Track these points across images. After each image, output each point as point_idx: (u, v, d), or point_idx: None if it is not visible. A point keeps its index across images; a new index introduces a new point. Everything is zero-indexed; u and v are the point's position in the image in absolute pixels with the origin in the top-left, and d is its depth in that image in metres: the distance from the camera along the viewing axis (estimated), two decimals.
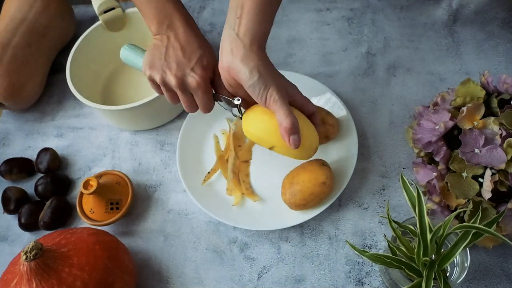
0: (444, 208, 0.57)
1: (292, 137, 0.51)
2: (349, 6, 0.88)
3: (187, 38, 0.56)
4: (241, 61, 0.49)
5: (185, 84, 0.55)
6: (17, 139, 0.81)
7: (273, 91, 0.50)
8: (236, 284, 0.63)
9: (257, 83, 0.50)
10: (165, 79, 0.55)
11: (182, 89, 0.56)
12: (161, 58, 0.55)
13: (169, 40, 0.56)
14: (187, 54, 0.55)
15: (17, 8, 0.80)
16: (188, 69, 0.55)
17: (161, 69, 0.55)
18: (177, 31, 0.57)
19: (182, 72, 0.55)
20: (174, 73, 0.55)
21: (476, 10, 0.84)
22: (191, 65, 0.55)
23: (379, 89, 0.77)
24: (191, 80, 0.55)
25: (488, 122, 0.55)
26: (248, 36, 0.50)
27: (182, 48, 0.56)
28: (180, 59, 0.55)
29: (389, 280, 0.57)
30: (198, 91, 0.55)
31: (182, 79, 0.55)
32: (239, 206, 0.67)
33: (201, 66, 0.55)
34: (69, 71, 0.75)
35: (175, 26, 0.57)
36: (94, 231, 0.60)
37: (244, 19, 0.50)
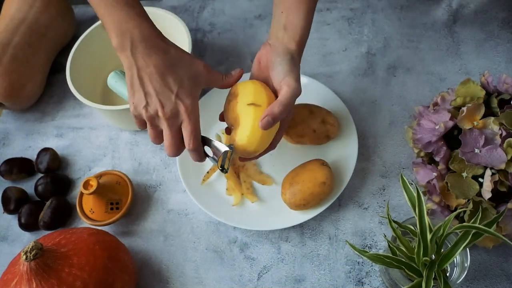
0: (444, 208, 0.57)
1: (267, 118, 0.51)
2: (349, 6, 0.88)
3: (159, 58, 0.50)
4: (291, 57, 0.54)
5: (176, 114, 0.51)
6: (17, 139, 0.81)
7: (293, 79, 0.52)
8: (236, 284, 0.63)
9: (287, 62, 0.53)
10: (152, 114, 0.51)
11: (171, 121, 0.51)
12: (140, 91, 0.50)
13: (138, 65, 0.50)
14: (166, 81, 0.50)
15: (17, 8, 0.80)
16: (173, 97, 0.50)
17: (145, 103, 0.50)
18: (145, 51, 0.50)
19: (169, 102, 0.50)
20: (160, 105, 0.50)
21: (476, 10, 0.84)
22: (174, 91, 0.50)
23: (379, 89, 0.77)
24: (180, 106, 0.50)
25: (488, 122, 0.55)
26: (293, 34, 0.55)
27: (158, 73, 0.50)
28: (160, 89, 0.50)
29: (389, 280, 0.57)
30: (186, 118, 0.51)
31: (172, 109, 0.50)
32: (239, 206, 0.67)
33: (184, 91, 0.51)
34: (69, 71, 0.75)
35: (140, 44, 0.50)
36: (94, 231, 0.60)
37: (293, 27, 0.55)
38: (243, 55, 0.85)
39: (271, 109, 0.51)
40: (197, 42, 0.88)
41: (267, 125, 0.51)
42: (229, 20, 0.90)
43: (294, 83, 0.52)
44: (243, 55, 0.85)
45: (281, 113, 0.51)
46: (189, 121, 0.51)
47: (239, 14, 0.91)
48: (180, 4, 0.94)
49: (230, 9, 0.92)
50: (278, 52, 0.54)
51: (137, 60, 0.50)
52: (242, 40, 0.87)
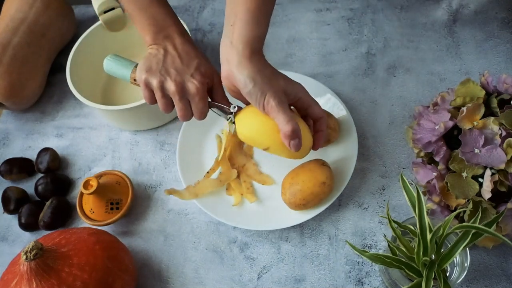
0: (444, 208, 0.57)
1: (292, 142, 0.51)
2: (349, 6, 0.88)
3: (185, 48, 0.57)
4: (236, 68, 0.50)
5: (184, 90, 0.55)
6: (17, 139, 0.81)
7: (270, 97, 0.50)
8: (236, 284, 0.63)
9: (253, 91, 0.50)
10: (163, 83, 0.55)
11: (180, 95, 0.55)
12: (159, 64, 0.56)
13: (166, 49, 0.57)
14: (185, 62, 0.56)
15: (17, 8, 0.80)
16: (188, 75, 0.55)
17: (159, 74, 0.55)
18: (174, 41, 0.58)
19: (181, 78, 0.55)
20: (173, 78, 0.55)
21: (476, 10, 0.84)
22: (190, 71, 0.56)
23: (379, 89, 0.77)
24: (191, 85, 0.55)
25: (488, 122, 0.55)
26: (240, 42, 0.50)
27: (180, 56, 0.57)
28: (179, 66, 0.56)
29: (389, 280, 0.57)
30: (196, 97, 0.55)
31: (182, 84, 0.55)
32: (239, 206, 0.67)
33: (200, 73, 0.56)
34: (69, 71, 0.75)
35: (172, 37, 0.58)
36: (94, 231, 0.60)
37: (237, 26, 0.50)
38: None
39: (283, 134, 0.51)
40: (197, 42, 0.88)
41: (297, 145, 0.52)
42: None
43: (273, 101, 0.51)
44: None
45: (292, 126, 0.51)
46: (198, 101, 0.56)
47: None
48: (180, 4, 0.94)
49: None
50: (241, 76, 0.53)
51: (166, 46, 0.57)
52: None
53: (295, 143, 0.51)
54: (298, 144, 0.52)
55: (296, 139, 0.51)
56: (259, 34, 0.51)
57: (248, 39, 0.50)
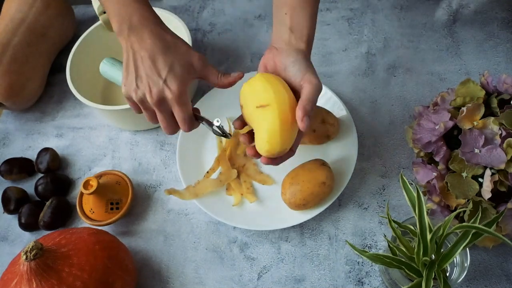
0: (444, 208, 0.57)
1: (306, 118, 0.48)
2: (349, 6, 0.88)
3: (153, 43, 0.51)
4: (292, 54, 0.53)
5: (162, 99, 0.51)
6: (17, 139, 0.81)
7: (313, 75, 0.51)
8: (236, 284, 0.63)
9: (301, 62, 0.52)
10: (141, 97, 0.51)
11: (159, 106, 0.51)
12: (133, 73, 0.51)
13: (134, 49, 0.51)
14: (157, 64, 0.51)
15: (17, 8, 0.80)
16: (161, 82, 0.50)
17: (135, 87, 0.51)
18: (141, 34, 0.51)
19: (156, 87, 0.50)
20: (148, 90, 0.51)
21: (476, 10, 0.84)
22: (163, 76, 0.51)
23: (379, 89, 0.77)
24: (167, 93, 0.51)
25: (488, 122, 0.55)
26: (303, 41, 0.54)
27: (150, 58, 0.51)
28: (149, 71, 0.51)
29: (389, 280, 0.57)
30: (174, 104, 0.51)
31: (158, 95, 0.51)
32: (239, 206, 0.67)
33: (173, 77, 0.51)
34: (69, 71, 0.75)
35: (137, 29, 0.51)
36: (94, 231, 0.60)
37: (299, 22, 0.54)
38: (243, 55, 0.85)
39: (304, 109, 0.49)
40: (197, 42, 0.88)
41: (307, 124, 0.49)
42: (229, 20, 0.90)
43: (315, 79, 0.51)
44: (243, 55, 0.85)
45: (312, 109, 0.50)
46: (178, 107, 0.52)
47: (239, 14, 0.91)
48: (180, 4, 0.94)
49: (230, 9, 0.92)
50: (289, 54, 0.53)
51: (132, 43, 0.52)
52: (242, 40, 0.87)
53: (307, 120, 0.48)
54: (308, 124, 0.49)
55: (309, 120, 0.49)
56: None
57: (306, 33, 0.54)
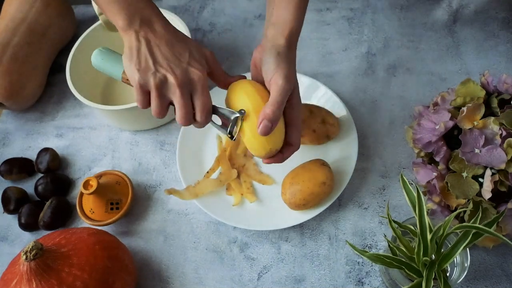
0: (444, 208, 0.57)
1: (265, 122, 0.48)
2: (349, 6, 0.88)
3: (168, 33, 0.50)
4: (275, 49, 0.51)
5: (186, 81, 0.49)
6: (17, 139, 0.81)
7: (280, 76, 0.49)
8: (236, 284, 0.63)
9: (273, 60, 0.50)
10: (161, 81, 0.48)
11: (182, 88, 0.48)
12: (147, 58, 0.48)
13: (148, 38, 0.49)
14: (177, 49, 0.50)
15: (17, 8, 0.80)
16: (184, 64, 0.49)
17: (154, 70, 0.48)
18: (153, 26, 0.50)
19: (180, 68, 0.49)
20: (171, 71, 0.48)
21: (476, 10, 0.84)
22: (185, 59, 0.49)
23: (379, 89, 0.77)
24: (193, 74, 0.49)
25: (488, 122, 0.55)
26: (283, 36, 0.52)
27: (167, 45, 0.49)
28: (170, 56, 0.49)
29: (389, 280, 0.57)
30: (200, 88, 0.49)
31: (183, 75, 0.48)
32: (239, 206, 0.67)
33: (196, 60, 0.50)
34: (69, 71, 0.75)
35: (150, 20, 0.50)
36: (94, 231, 0.60)
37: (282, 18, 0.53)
38: (243, 55, 0.85)
39: (263, 112, 0.48)
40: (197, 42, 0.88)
41: (266, 129, 0.48)
42: (229, 20, 0.90)
43: (281, 81, 0.49)
44: (243, 55, 0.85)
45: (274, 113, 0.48)
46: (202, 91, 0.49)
47: (239, 14, 0.91)
48: (180, 4, 0.94)
49: (230, 9, 0.92)
50: (266, 50, 0.51)
51: (146, 33, 0.49)
52: (242, 40, 0.87)
53: (267, 125, 0.48)
54: (268, 129, 0.48)
55: (270, 124, 0.48)
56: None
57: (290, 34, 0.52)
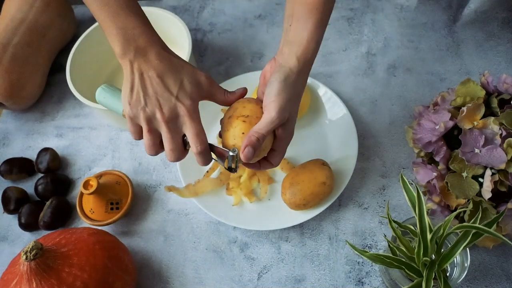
0: (444, 208, 0.57)
1: (248, 149, 0.48)
2: (349, 6, 0.88)
3: (161, 63, 0.50)
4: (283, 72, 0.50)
5: (173, 115, 0.49)
6: (17, 139, 0.81)
7: (276, 105, 0.48)
8: (236, 284, 0.63)
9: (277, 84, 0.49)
10: (150, 117, 0.49)
11: (169, 123, 0.49)
12: (139, 93, 0.49)
13: (141, 70, 0.50)
14: (166, 82, 0.50)
15: (17, 8, 0.80)
16: (173, 99, 0.49)
17: (143, 106, 0.49)
18: (148, 56, 0.50)
19: (168, 103, 0.49)
20: (159, 107, 0.49)
21: (476, 10, 0.84)
22: (175, 93, 0.50)
23: (379, 89, 0.77)
24: (180, 109, 0.49)
25: (488, 122, 0.55)
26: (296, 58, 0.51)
27: (159, 76, 0.50)
28: (161, 91, 0.49)
29: (389, 280, 0.57)
30: (188, 120, 0.50)
31: (170, 110, 0.49)
32: (239, 206, 0.67)
33: (185, 93, 0.50)
34: (69, 71, 0.75)
35: (144, 50, 0.50)
36: (94, 231, 0.60)
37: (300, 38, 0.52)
38: (243, 55, 0.85)
39: (249, 138, 0.48)
40: (197, 42, 0.88)
41: (249, 155, 0.48)
42: (229, 20, 0.90)
43: (274, 113, 0.48)
44: (243, 55, 0.85)
45: (259, 141, 0.48)
46: (191, 122, 0.50)
47: (239, 14, 0.91)
48: (180, 4, 0.94)
49: (230, 9, 0.92)
50: (276, 70, 0.51)
51: (140, 64, 0.50)
52: (242, 40, 0.87)
53: (249, 151, 0.48)
54: (251, 155, 0.48)
55: (252, 150, 0.48)
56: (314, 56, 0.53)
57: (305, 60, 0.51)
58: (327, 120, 0.73)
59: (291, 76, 0.50)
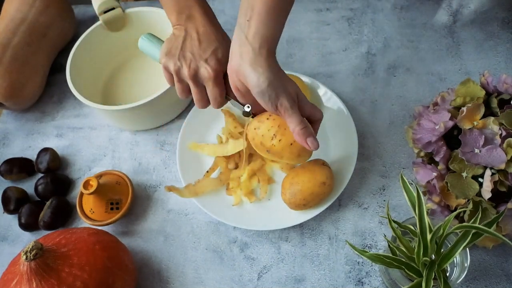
0: (444, 208, 0.57)
1: (309, 139, 0.51)
2: (349, 6, 0.88)
3: (205, 30, 0.56)
4: (250, 65, 0.48)
5: (197, 75, 0.55)
6: (17, 139, 0.81)
7: (284, 98, 0.50)
8: (236, 284, 0.63)
9: (266, 91, 0.49)
10: (179, 68, 0.55)
11: (194, 80, 0.55)
12: (178, 47, 0.55)
13: (187, 30, 0.56)
14: (203, 45, 0.55)
15: (17, 8, 0.80)
16: (202, 60, 0.54)
17: (176, 59, 0.55)
18: (196, 22, 0.57)
19: (196, 63, 0.55)
20: (188, 63, 0.54)
21: (476, 10, 0.84)
22: (206, 56, 0.55)
23: (379, 89, 0.77)
24: (204, 71, 0.54)
25: (488, 122, 0.55)
26: (257, 39, 0.48)
27: (199, 39, 0.56)
28: (196, 49, 0.55)
29: (389, 280, 0.57)
30: (209, 82, 0.55)
31: (195, 70, 0.54)
32: (239, 206, 0.67)
33: (215, 58, 0.55)
34: (69, 71, 0.75)
35: (194, 17, 0.57)
36: (94, 231, 0.60)
37: (254, 21, 0.48)
38: None
39: (297, 133, 0.51)
40: None
41: (315, 142, 0.52)
42: (229, 20, 0.90)
43: (286, 102, 0.51)
44: None
45: (305, 125, 0.51)
46: (212, 86, 0.55)
47: None
48: None
49: (230, 9, 0.92)
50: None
51: (188, 27, 0.56)
52: None
53: (311, 140, 0.52)
54: (315, 141, 0.52)
55: (311, 137, 0.51)
56: (276, 34, 0.50)
57: (265, 38, 0.48)
58: (326, 120, 0.73)
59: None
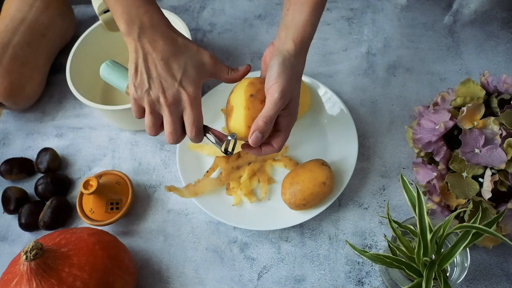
0: (444, 208, 0.57)
1: (256, 134, 0.50)
2: (349, 6, 0.88)
3: (165, 44, 0.51)
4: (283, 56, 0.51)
5: (177, 101, 0.50)
6: (17, 139, 0.81)
7: (277, 87, 0.49)
8: (236, 284, 0.63)
9: (281, 78, 0.50)
10: (153, 98, 0.50)
11: (171, 107, 0.50)
12: (144, 75, 0.50)
13: (145, 49, 0.50)
14: (171, 67, 0.50)
15: (17, 8, 0.80)
16: (177, 84, 0.50)
17: (148, 87, 0.50)
18: (152, 36, 0.50)
19: (171, 89, 0.50)
20: (162, 90, 0.50)
21: (476, 10, 0.84)
22: (178, 79, 0.50)
23: (379, 89, 0.77)
24: (183, 95, 0.50)
25: (488, 122, 0.55)
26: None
27: (163, 60, 0.50)
28: (164, 75, 0.50)
29: (389, 280, 0.57)
30: (188, 107, 0.51)
31: (173, 96, 0.50)
32: (239, 206, 0.67)
33: (188, 79, 0.51)
34: (69, 71, 0.75)
35: (148, 30, 0.50)
36: (94, 231, 0.60)
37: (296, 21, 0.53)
38: (243, 55, 0.85)
39: (256, 124, 0.50)
40: (197, 42, 0.88)
41: (257, 140, 0.50)
42: (229, 20, 0.90)
43: (277, 94, 0.49)
44: (243, 55, 0.85)
45: (266, 125, 0.50)
46: (191, 109, 0.51)
47: (239, 14, 0.91)
48: (180, 4, 0.94)
49: (230, 9, 0.92)
50: (274, 54, 0.52)
51: (143, 44, 0.50)
52: (242, 40, 0.87)
53: (258, 136, 0.50)
54: (259, 140, 0.50)
55: (260, 134, 0.50)
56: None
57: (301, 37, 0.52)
58: (327, 120, 0.73)
59: (289, 58, 0.51)
